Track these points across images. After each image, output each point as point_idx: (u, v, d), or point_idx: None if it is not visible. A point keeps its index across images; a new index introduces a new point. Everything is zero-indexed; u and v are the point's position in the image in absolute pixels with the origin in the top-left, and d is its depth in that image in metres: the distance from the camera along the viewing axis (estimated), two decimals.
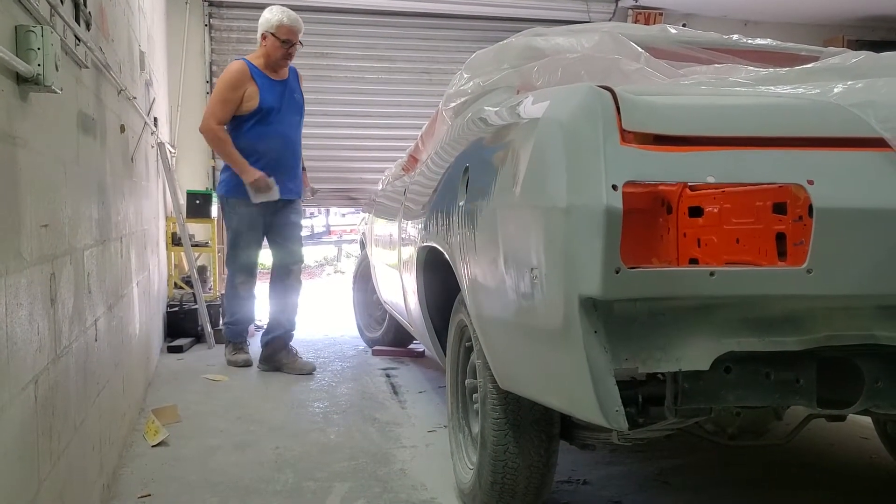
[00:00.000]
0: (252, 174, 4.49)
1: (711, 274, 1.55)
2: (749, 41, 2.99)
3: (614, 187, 1.49)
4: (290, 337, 4.78)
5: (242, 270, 4.73)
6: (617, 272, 1.50)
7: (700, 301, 1.59)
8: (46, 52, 1.70)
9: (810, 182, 1.54)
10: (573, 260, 1.55)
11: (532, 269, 1.72)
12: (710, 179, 1.53)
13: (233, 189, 4.58)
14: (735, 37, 3.01)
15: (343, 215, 10.88)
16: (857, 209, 1.56)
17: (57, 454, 1.94)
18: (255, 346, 4.99)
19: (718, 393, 1.69)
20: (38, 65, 1.69)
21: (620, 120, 1.56)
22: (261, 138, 4.56)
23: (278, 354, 4.68)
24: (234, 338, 4.87)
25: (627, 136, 1.55)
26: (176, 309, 5.48)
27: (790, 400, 1.72)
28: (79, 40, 2.28)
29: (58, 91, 1.79)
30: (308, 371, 4.62)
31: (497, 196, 1.95)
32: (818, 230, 1.55)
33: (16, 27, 1.67)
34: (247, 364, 4.73)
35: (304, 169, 4.92)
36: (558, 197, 1.59)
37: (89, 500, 2.34)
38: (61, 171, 2.09)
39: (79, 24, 2.29)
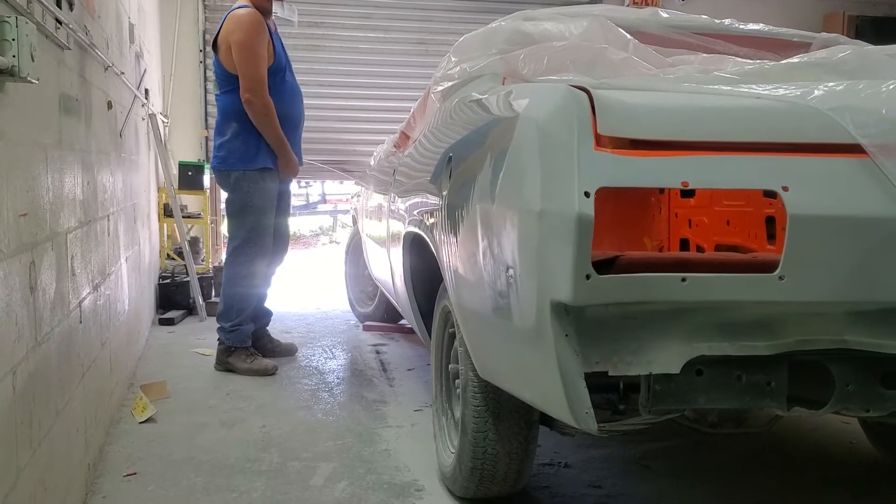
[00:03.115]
0: (296, 164, 4.11)
1: (683, 280, 1.55)
2: (741, 26, 2.96)
3: (587, 194, 1.49)
4: (269, 322, 4.46)
5: (264, 256, 4.13)
6: (588, 278, 1.51)
7: (672, 306, 1.59)
8: (22, 43, 1.68)
9: (785, 189, 1.54)
10: (545, 264, 1.56)
11: (508, 268, 1.72)
12: (684, 185, 1.53)
13: (255, 159, 3.99)
14: (727, 21, 2.98)
15: (341, 182, 10.82)
16: (832, 216, 1.56)
17: (37, 441, 1.95)
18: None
19: (689, 395, 1.71)
20: (14, 56, 1.67)
21: (596, 123, 1.55)
22: (281, 99, 4.02)
23: (260, 342, 4.30)
24: (244, 342, 4.13)
25: (602, 141, 1.55)
26: (168, 281, 5.49)
27: (761, 402, 1.74)
28: (59, 23, 2.26)
29: (34, 81, 1.77)
30: (292, 353, 4.42)
31: (477, 191, 1.94)
32: (791, 237, 1.55)
33: None
34: (275, 368, 4.07)
35: None
36: (532, 200, 1.59)
37: (73, 482, 2.36)
38: (42, 157, 2.08)
39: (60, 6, 2.26)
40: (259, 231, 4.06)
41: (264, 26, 3.95)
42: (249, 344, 4.14)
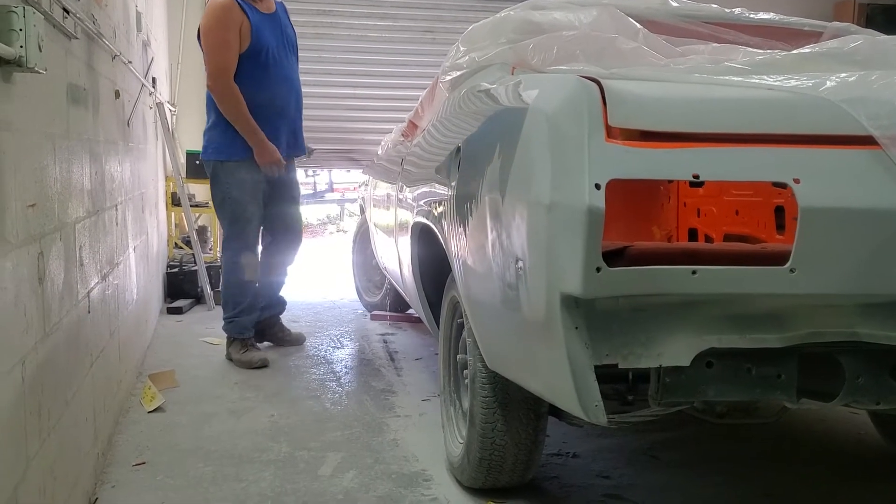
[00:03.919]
0: (272, 152, 3.88)
1: (693, 272, 1.54)
2: (751, 15, 2.94)
3: (597, 186, 1.48)
4: (283, 310, 4.43)
5: (249, 249, 4.03)
6: (598, 271, 1.50)
7: (682, 298, 1.58)
8: (29, 33, 1.68)
9: (796, 181, 1.53)
10: (555, 257, 1.55)
11: (517, 260, 1.72)
12: (695, 177, 1.52)
13: (229, 150, 3.89)
14: (737, 10, 2.95)
15: (348, 171, 10.76)
16: (844, 209, 1.54)
17: (47, 431, 1.96)
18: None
19: (699, 387, 1.70)
20: (21, 46, 1.67)
21: (607, 115, 1.54)
22: (260, 86, 3.86)
23: (271, 330, 4.33)
24: (241, 333, 4.09)
25: (613, 132, 1.54)
26: (176, 270, 5.50)
27: (771, 394, 1.73)
28: (67, 13, 2.25)
29: (41, 72, 1.77)
30: (301, 342, 4.39)
31: (486, 182, 1.94)
32: (803, 229, 1.54)
33: None
34: (263, 364, 3.97)
35: None
36: (542, 193, 1.58)
37: (82, 471, 2.37)
38: (50, 147, 2.08)
39: None
40: (239, 222, 3.98)
41: (232, 12, 3.79)
42: (247, 336, 4.11)
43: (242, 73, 3.83)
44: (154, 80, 4.85)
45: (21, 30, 1.67)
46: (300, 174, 4.60)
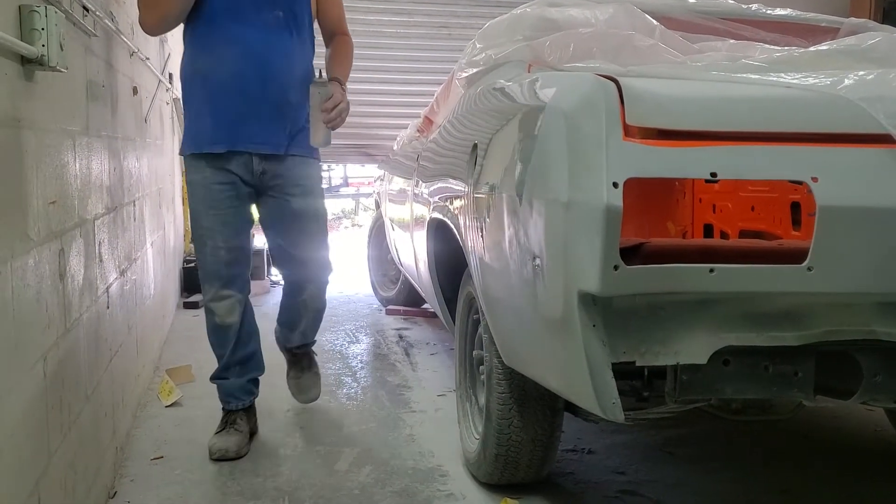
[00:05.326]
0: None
1: (711, 270, 1.54)
2: (768, 11, 2.93)
3: (615, 185, 1.48)
4: (303, 351, 3.24)
5: (210, 279, 2.82)
6: (616, 269, 1.50)
7: (700, 296, 1.59)
8: (50, 32, 1.70)
9: (814, 179, 1.53)
10: (572, 255, 1.56)
11: (534, 257, 1.72)
12: (713, 176, 1.52)
13: (184, 141, 2.79)
14: (754, 6, 2.95)
15: (362, 165, 10.74)
16: (862, 207, 1.54)
17: (68, 426, 1.98)
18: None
19: (716, 385, 1.71)
20: (43, 45, 1.69)
21: (624, 113, 1.55)
22: (204, 49, 2.71)
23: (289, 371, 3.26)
24: (226, 401, 2.96)
25: (631, 131, 1.54)
26: (192, 265, 5.52)
27: (788, 392, 1.73)
28: (87, 10, 2.27)
29: (63, 70, 1.79)
30: (305, 400, 3.25)
31: (504, 180, 1.94)
32: (820, 228, 1.54)
33: (19, 7, 1.67)
34: (238, 453, 2.78)
35: (335, 80, 3.02)
36: (559, 191, 1.59)
37: (102, 465, 2.39)
38: (70, 144, 2.10)
39: None
40: (197, 242, 2.84)
41: None
42: (231, 407, 2.97)
43: (193, 31, 2.74)
44: (170, 75, 4.87)
45: (43, 29, 1.69)
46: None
